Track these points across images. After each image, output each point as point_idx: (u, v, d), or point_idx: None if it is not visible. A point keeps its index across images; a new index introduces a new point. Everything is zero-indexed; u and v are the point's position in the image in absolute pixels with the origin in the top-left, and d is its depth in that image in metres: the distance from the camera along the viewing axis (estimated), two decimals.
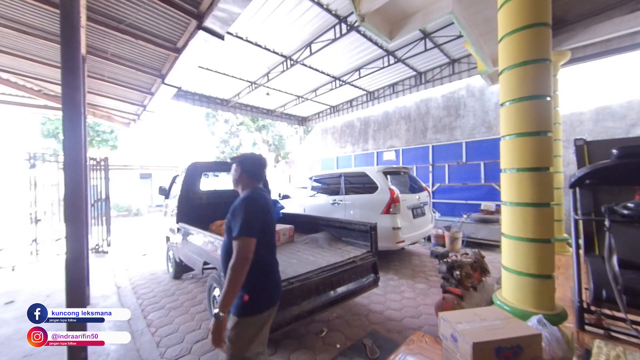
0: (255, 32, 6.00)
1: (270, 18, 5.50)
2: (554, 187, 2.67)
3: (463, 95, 8.53)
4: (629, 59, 5.74)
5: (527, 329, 1.53)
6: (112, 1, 3.07)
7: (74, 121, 1.55)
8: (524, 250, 2.41)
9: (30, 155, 5.67)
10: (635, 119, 5.77)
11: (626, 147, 2.28)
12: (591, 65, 6.08)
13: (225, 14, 3.08)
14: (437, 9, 4.26)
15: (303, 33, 6.14)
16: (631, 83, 5.82)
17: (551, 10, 2.43)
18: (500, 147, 2.60)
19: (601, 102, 6.19)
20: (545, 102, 2.39)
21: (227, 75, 8.13)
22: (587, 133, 6.20)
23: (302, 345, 2.66)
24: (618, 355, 1.55)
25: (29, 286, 4.48)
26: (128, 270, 5.23)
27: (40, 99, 5.73)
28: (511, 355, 1.40)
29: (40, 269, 5.34)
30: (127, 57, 4.26)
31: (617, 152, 2.27)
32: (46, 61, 4.33)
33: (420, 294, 3.79)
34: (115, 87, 5.24)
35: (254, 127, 17.83)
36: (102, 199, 6.65)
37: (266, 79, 8.23)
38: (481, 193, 7.70)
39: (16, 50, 4.13)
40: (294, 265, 2.86)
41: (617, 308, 2.03)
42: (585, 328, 2.23)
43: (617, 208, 2.09)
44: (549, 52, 2.40)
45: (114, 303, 3.81)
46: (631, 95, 5.81)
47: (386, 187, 4.84)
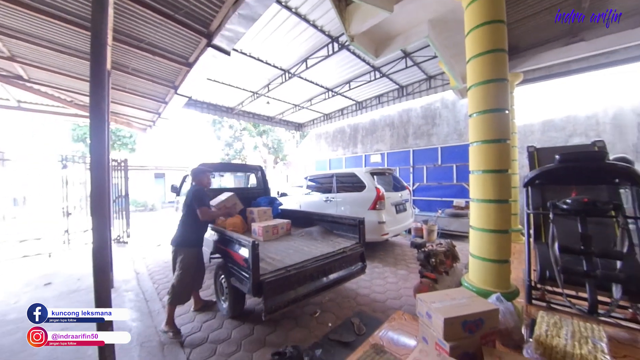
0: (258, 48, 6.02)
1: (271, 37, 5.53)
2: (511, 186, 2.75)
3: (438, 106, 8.64)
4: (566, 82, 6.18)
5: (487, 305, 1.57)
6: (134, 23, 3.09)
7: (99, 127, 1.56)
8: (487, 240, 2.48)
9: (62, 157, 5.73)
10: (572, 130, 6.22)
11: (565, 154, 2.34)
12: (539, 85, 6.42)
13: (231, 33, 3.10)
14: (416, 32, 4.36)
15: (300, 50, 6.17)
16: (568, 102, 6.29)
17: (507, 39, 2.52)
18: (469, 152, 2.65)
19: (546, 116, 6.57)
20: (504, 115, 2.47)
21: (232, 86, 8.12)
22: (536, 141, 6.43)
23: (299, 324, 2.69)
24: (555, 323, 1.63)
25: (63, 270, 4.51)
26: (145, 258, 5.23)
27: (71, 108, 5.76)
28: (474, 327, 1.45)
29: (72, 255, 5.37)
30: (145, 71, 4.27)
31: (559, 157, 2.33)
32: (77, 75, 4.37)
33: (401, 279, 3.80)
34: (135, 97, 5.23)
35: (256, 132, 17.74)
36: (122, 195, 6.65)
37: (267, 89, 8.23)
38: (453, 191, 7.81)
39: (53, 67, 4.18)
40: (291, 255, 2.86)
41: (557, 285, 2.12)
42: (533, 302, 2.29)
43: (558, 204, 2.16)
44: (506, 73, 2.49)
45: (134, 286, 3.81)
46: (568, 111, 6.27)
47: (373, 186, 4.87)
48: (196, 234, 2.79)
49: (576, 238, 2.05)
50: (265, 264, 2.54)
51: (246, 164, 5.21)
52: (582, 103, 6.11)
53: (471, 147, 2.61)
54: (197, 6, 2.87)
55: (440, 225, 6.10)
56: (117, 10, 2.83)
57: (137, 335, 2.57)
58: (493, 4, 2.48)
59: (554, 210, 2.20)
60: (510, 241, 2.51)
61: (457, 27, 4.02)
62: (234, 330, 2.60)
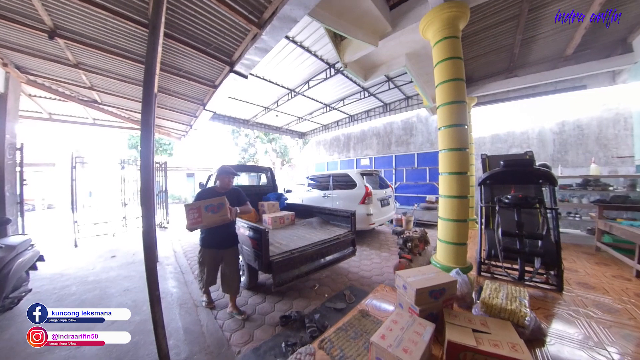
0: (269, 72, 6.07)
1: (280, 63, 5.59)
2: (469, 185, 2.80)
3: (415, 121, 8.71)
4: (508, 106, 6.52)
5: (449, 278, 1.64)
6: (176, 57, 3.18)
7: (147, 137, 1.57)
8: (451, 227, 2.54)
9: (121, 160, 5.93)
10: (511, 143, 6.60)
11: (507, 161, 2.45)
12: (488, 108, 6.67)
13: (249, 61, 3.14)
14: (396, 62, 4.44)
15: (303, 73, 6.21)
16: (509, 121, 6.65)
17: (464, 71, 2.61)
18: (439, 157, 2.70)
19: (494, 131, 6.86)
20: (464, 129, 2.54)
21: (248, 102, 8.14)
22: (487, 150, 6.69)
23: (301, 295, 2.68)
24: (496, 288, 1.75)
25: (123, 247, 4.67)
26: (180, 240, 5.26)
27: (128, 122, 5.98)
28: (438, 294, 1.54)
29: (128, 236, 5.53)
30: (182, 92, 4.34)
31: (503, 163, 2.43)
32: (133, 98, 4.52)
33: (384, 259, 3.77)
34: (173, 112, 5.31)
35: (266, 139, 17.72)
36: (162, 190, 6.77)
37: (276, 104, 8.25)
38: (426, 189, 7.83)
39: (118, 93, 4.38)
40: (295, 240, 2.81)
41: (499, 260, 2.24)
42: (481, 274, 2.40)
43: (502, 198, 2.28)
44: (464, 97, 2.57)
45: (173, 262, 3.86)
46: (509, 128, 6.65)
47: (362, 184, 4.81)
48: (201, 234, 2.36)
49: (513, 224, 2.16)
50: (274, 248, 2.53)
51: (258, 166, 5.20)
52: (518, 122, 6.53)
53: (440, 154, 2.67)
54: (224, 42, 2.96)
55: (415, 217, 6.10)
56: (164, 48, 2.93)
57: (177, 298, 2.64)
58: (453, 44, 2.58)
59: (498, 203, 2.31)
60: (467, 228, 2.58)
61: (428, 60, 4.14)
62: (250, 299, 2.62)
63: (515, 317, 1.51)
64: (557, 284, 2.10)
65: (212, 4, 2.34)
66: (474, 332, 1.35)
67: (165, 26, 2.56)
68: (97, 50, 2.94)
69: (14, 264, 2.11)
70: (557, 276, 2.11)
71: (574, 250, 3.26)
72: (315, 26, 4.34)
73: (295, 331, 2.01)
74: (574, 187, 4.08)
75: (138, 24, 2.51)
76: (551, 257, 2.10)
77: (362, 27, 3.45)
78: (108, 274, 3.34)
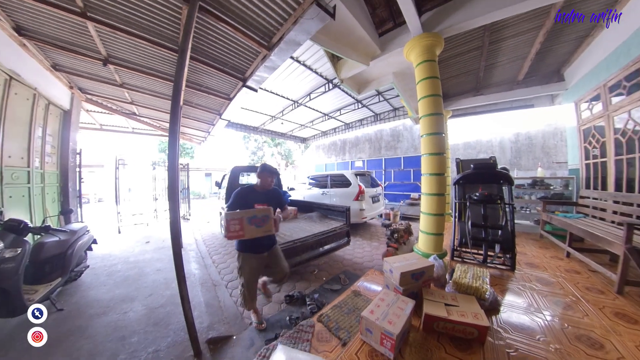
0: (276, 86, 6.06)
1: (286, 79, 5.60)
2: (446, 184, 2.84)
3: (401, 129, 8.71)
4: (476, 119, 6.65)
5: (428, 263, 1.67)
6: (199, 75, 3.23)
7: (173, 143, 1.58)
8: (430, 220, 2.58)
9: (153, 162, 6.17)
10: (479, 149, 6.82)
11: (476, 164, 2.50)
12: (461, 119, 6.77)
13: (259, 77, 3.18)
14: (385, 80, 4.48)
15: (305, 87, 6.21)
16: (477, 131, 6.83)
17: (441, 89, 2.67)
18: (422, 161, 2.73)
19: (466, 139, 7.00)
20: (442, 137, 2.59)
21: (257, 112, 8.11)
22: (460, 155, 6.81)
23: (302, 278, 2.67)
24: (465, 270, 1.81)
25: (155, 234, 4.76)
26: (200, 230, 5.27)
27: (159, 130, 6.11)
28: (419, 276, 1.60)
29: (159, 225, 5.61)
30: (202, 104, 4.36)
31: (473, 166, 2.48)
32: (163, 110, 4.63)
33: (374, 248, 3.70)
34: (195, 122, 5.35)
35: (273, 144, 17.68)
36: (185, 188, 6.87)
37: (281, 114, 8.21)
38: (411, 188, 7.86)
39: (152, 106, 4.51)
40: (298, 232, 2.78)
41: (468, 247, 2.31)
42: (454, 259, 2.43)
43: (472, 196, 2.32)
44: (442, 109, 2.62)
45: (194, 248, 3.90)
46: (477, 137, 6.85)
47: (356, 183, 4.78)
48: None
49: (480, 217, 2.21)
50: (279, 238, 2.50)
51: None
52: (484, 132, 6.74)
53: (422, 157, 2.71)
54: (238, 62, 3.00)
55: (401, 211, 6.13)
56: (190, 68, 3.00)
57: (199, 278, 2.68)
58: (431, 66, 2.63)
59: (469, 200, 2.36)
60: (444, 221, 2.63)
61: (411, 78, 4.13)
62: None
63: (478, 293, 1.59)
64: (511, 264, 2.20)
65: (229, 32, 2.38)
66: (445, 306, 1.41)
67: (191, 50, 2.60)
68: (137, 72, 3.11)
69: (76, 245, 2.30)
70: (511, 258, 2.21)
71: (524, 238, 3.42)
72: (316, 48, 4.36)
73: (298, 308, 2.04)
74: (525, 186, 4.24)
75: (170, 49, 2.60)
76: (508, 244, 2.20)
77: (356, 50, 3.49)
78: (144, 256, 3.41)
